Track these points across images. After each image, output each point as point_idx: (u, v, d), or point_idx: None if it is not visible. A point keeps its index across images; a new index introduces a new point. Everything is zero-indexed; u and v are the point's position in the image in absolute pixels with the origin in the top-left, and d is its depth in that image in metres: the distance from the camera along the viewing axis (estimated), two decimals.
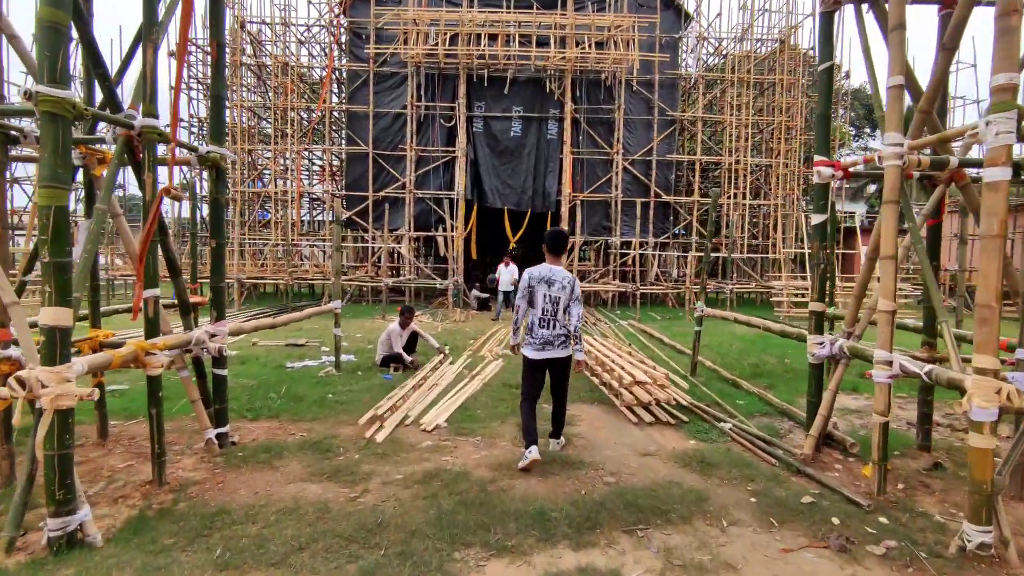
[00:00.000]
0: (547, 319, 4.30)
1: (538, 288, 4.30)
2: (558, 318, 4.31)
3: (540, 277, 4.32)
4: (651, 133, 17.84)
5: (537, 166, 17.78)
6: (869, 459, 3.85)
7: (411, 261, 17.85)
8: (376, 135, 17.52)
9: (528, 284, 4.33)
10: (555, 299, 4.29)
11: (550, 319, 4.30)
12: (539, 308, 4.30)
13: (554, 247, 4.43)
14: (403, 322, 7.90)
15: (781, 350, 9.57)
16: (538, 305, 4.30)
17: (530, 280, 4.33)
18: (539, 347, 4.33)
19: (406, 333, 7.95)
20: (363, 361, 8.22)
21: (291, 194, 17.95)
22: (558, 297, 4.29)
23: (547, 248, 4.44)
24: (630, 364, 6.58)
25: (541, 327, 4.31)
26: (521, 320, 4.46)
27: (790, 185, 18.11)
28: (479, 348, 9.63)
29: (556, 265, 4.39)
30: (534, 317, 4.34)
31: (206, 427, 4.25)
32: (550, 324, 4.30)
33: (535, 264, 4.47)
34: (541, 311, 4.30)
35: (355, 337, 10.74)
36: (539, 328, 4.31)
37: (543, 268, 4.36)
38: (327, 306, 7.50)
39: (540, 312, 4.30)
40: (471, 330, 11.99)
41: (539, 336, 4.31)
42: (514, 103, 17.65)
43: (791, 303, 14.33)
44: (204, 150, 4.17)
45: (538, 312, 4.31)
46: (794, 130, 17.68)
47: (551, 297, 4.28)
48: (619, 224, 17.46)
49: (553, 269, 4.35)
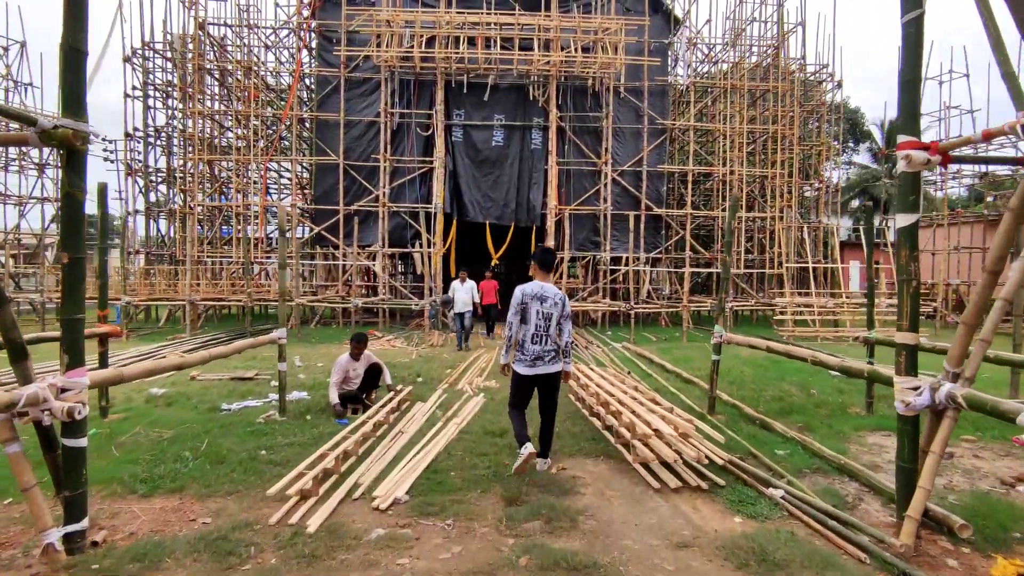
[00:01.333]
0: (540, 335, 4.35)
1: (532, 304, 4.35)
2: (550, 334, 4.37)
3: (533, 294, 4.36)
4: (640, 143, 16.87)
5: (521, 177, 16.67)
6: (992, 553, 2.63)
7: (384, 280, 16.53)
8: (347, 145, 16.27)
9: (522, 300, 4.36)
10: (547, 315, 4.35)
11: (543, 335, 4.35)
12: (532, 324, 4.35)
13: (544, 263, 4.50)
14: (355, 352, 6.53)
15: (800, 377, 8.42)
16: (531, 321, 4.35)
17: (523, 296, 4.36)
18: (530, 363, 4.35)
19: (361, 365, 6.60)
20: (318, 399, 6.87)
21: (254, 208, 16.57)
22: (550, 313, 4.36)
23: (537, 265, 4.49)
24: (640, 405, 5.34)
25: (533, 343, 4.35)
26: (514, 338, 4.45)
27: (785, 197, 17.24)
28: (456, 379, 8.33)
29: (546, 282, 4.46)
30: (526, 333, 4.37)
31: (45, 527, 2.90)
32: (542, 340, 4.35)
33: (520, 282, 4.52)
34: (534, 327, 4.35)
35: (315, 367, 9.36)
36: (531, 344, 4.35)
37: (535, 285, 4.41)
38: (265, 338, 6.14)
39: (533, 328, 4.35)
40: (450, 356, 10.68)
41: (530, 352, 4.35)
42: (495, 111, 16.58)
43: (795, 322, 13.27)
44: (48, 123, 2.88)
45: (531, 328, 4.35)
46: (789, 139, 16.83)
47: (544, 313, 4.34)
48: (608, 239, 16.36)
49: (544, 286, 4.41)
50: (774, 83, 16.78)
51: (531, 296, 4.33)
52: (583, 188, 16.81)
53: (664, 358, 10.28)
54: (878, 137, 36.74)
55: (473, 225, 16.81)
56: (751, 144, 17.92)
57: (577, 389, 6.82)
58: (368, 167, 16.29)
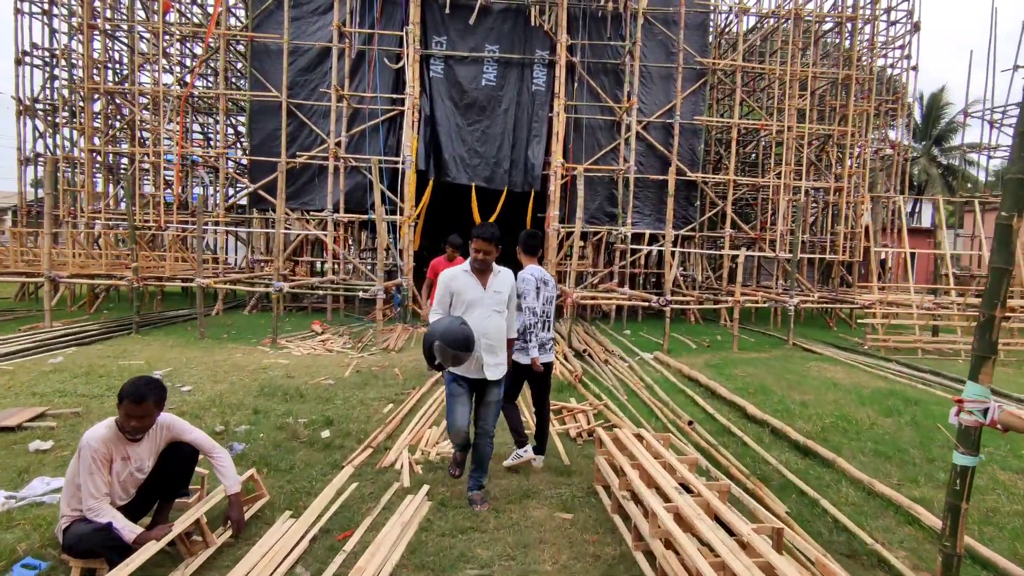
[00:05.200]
0: (544, 320, 4.11)
1: (542, 289, 4.08)
2: (550, 319, 4.14)
3: (541, 278, 4.10)
4: (672, 88, 13.14)
5: (518, 128, 12.97)
6: None
7: (341, 254, 12.90)
8: (292, 78, 12.49)
9: (536, 286, 4.01)
10: (550, 299, 4.17)
11: (546, 321, 4.12)
12: (539, 311, 4.04)
13: (528, 248, 4.23)
14: (127, 425, 2.81)
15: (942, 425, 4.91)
16: (538, 308, 4.03)
17: (536, 282, 4.03)
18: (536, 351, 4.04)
19: (145, 449, 2.95)
20: None
21: (165, 158, 12.77)
22: (553, 296, 4.21)
23: (524, 249, 4.22)
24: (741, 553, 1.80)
25: (542, 329, 4.09)
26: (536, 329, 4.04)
27: (853, 164, 13.60)
28: (393, 432, 4.78)
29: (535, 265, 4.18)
30: (529, 320, 3.97)
31: None
32: (545, 326, 4.12)
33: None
34: (541, 313, 4.06)
35: (215, 392, 5.77)
36: (540, 332, 4.06)
37: (535, 268, 4.14)
38: None
39: (539, 315, 4.04)
40: (405, 373, 7.12)
41: (539, 340, 4.03)
42: (487, 40, 12.79)
43: (886, 327, 9.72)
44: None
45: (540, 315, 4.05)
46: (868, 85, 13.09)
47: (548, 298, 4.15)
48: (630, 210, 12.74)
49: (542, 269, 4.17)
50: (850, 12, 12.96)
51: (540, 280, 4.06)
52: (597, 144, 13.13)
53: (722, 383, 6.75)
54: (917, 113, 33.10)
55: (455, 188, 13.14)
56: (809, 96, 14.13)
57: (605, 469, 3.42)
58: (320, 108, 12.55)
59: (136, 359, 7.29)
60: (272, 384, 6.17)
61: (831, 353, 9.45)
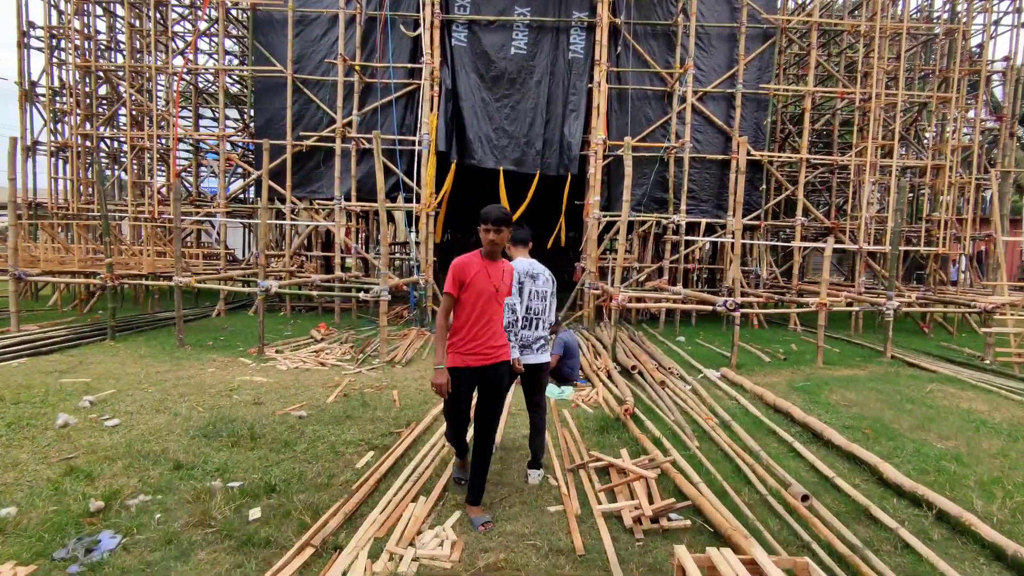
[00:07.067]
0: (531, 318, 3.77)
1: (526, 284, 3.76)
2: (541, 317, 3.81)
3: (525, 271, 3.77)
4: (734, 52, 11.21)
5: (552, 103, 11.29)
6: None
7: (355, 248, 11.53)
8: (300, 51, 11.15)
9: (519, 280, 3.66)
10: (542, 294, 3.81)
11: (533, 318, 3.78)
12: (523, 307, 3.73)
13: (518, 240, 3.90)
14: None
15: None
16: (523, 303, 3.72)
17: (519, 276, 3.66)
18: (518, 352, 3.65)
19: None
20: None
21: (161, 142, 11.63)
22: (545, 291, 3.83)
23: (511, 243, 3.83)
24: None
25: (523, 328, 3.73)
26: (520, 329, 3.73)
27: (956, 139, 11.35)
28: (357, 506, 3.24)
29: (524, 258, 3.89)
30: (514, 316, 3.57)
31: None
32: (533, 324, 3.77)
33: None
34: (526, 310, 3.75)
35: (98, 436, 4.36)
36: (521, 329, 3.71)
37: (522, 261, 3.81)
38: None
39: (524, 311, 3.73)
40: (407, 394, 5.58)
41: (520, 339, 3.68)
42: (517, 2, 11.14)
43: (1021, 338, 7.66)
44: None
45: (521, 311, 3.69)
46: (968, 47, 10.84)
47: (538, 293, 3.80)
48: (684, 196, 10.91)
49: (532, 262, 3.87)
50: None
51: (524, 274, 3.75)
52: (644, 120, 11.34)
53: (828, 418, 4.96)
54: (999, 92, 29.59)
55: (480, 172, 11.57)
56: (902, 56, 11.90)
57: None
58: (330, 85, 11.16)
59: (84, 375, 6.00)
60: (226, 417, 4.73)
61: (947, 370, 7.48)
